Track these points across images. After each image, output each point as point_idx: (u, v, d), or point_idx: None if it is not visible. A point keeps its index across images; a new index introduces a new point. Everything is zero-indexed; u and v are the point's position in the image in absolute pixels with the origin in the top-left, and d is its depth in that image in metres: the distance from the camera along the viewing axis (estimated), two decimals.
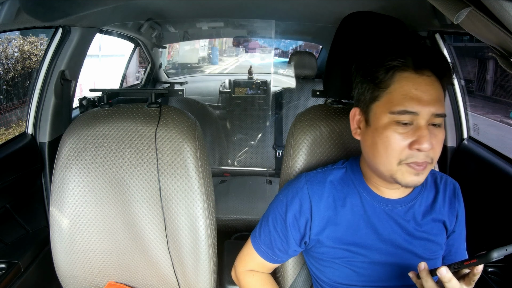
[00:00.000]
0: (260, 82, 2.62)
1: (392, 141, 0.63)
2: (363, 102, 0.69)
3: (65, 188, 0.94)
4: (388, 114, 0.64)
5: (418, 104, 0.62)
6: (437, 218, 0.75)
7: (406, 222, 0.73)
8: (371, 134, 0.67)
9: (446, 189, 0.78)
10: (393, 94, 0.64)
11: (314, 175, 0.77)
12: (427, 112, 0.62)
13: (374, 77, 0.66)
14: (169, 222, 0.91)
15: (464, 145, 1.44)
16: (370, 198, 0.74)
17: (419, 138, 0.62)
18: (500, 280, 1.10)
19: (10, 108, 3.10)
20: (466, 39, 2.54)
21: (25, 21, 1.01)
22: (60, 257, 0.97)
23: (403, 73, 0.64)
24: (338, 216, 0.74)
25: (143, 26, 1.94)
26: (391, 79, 0.64)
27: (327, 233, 0.74)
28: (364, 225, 0.73)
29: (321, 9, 1.70)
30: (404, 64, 0.63)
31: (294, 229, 0.76)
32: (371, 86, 0.67)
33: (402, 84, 0.63)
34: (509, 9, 0.41)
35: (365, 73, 0.68)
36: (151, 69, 2.83)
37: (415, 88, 0.63)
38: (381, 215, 0.73)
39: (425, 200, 0.75)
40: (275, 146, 2.29)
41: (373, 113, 0.67)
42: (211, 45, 3.84)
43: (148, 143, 0.92)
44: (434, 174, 0.79)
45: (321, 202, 0.74)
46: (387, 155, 0.64)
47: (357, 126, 0.72)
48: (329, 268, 0.76)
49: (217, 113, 2.52)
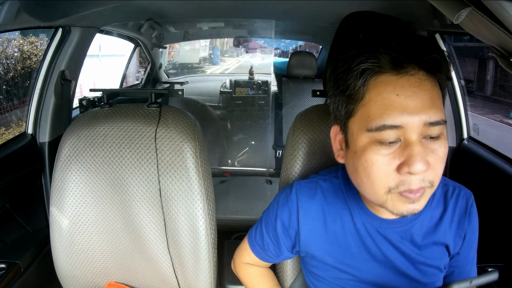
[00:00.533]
0: (260, 82, 2.63)
1: (375, 166, 0.51)
2: (339, 118, 0.58)
3: (65, 188, 0.94)
4: (366, 133, 0.51)
5: (402, 114, 0.49)
6: (440, 241, 0.65)
7: (402, 244, 0.64)
8: (351, 158, 0.56)
9: (457, 205, 0.66)
10: (368, 105, 0.51)
11: (305, 185, 0.70)
12: (417, 123, 0.49)
13: (345, 86, 0.53)
14: (169, 222, 0.91)
15: (464, 145, 1.44)
16: (362, 216, 0.65)
17: (408, 159, 0.49)
18: (500, 280, 1.10)
19: (10, 108, 3.10)
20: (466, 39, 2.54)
21: (25, 21, 1.01)
22: (60, 257, 0.97)
23: (379, 77, 0.51)
24: (327, 231, 0.67)
25: (143, 26, 1.94)
26: (364, 87, 0.51)
27: (315, 247, 0.68)
28: (354, 243, 0.65)
29: (321, 9, 1.70)
30: (378, 65, 0.50)
31: (285, 237, 0.72)
32: (344, 99, 0.55)
33: (379, 91, 0.50)
34: (509, 9, 0.41)
35: (336, 82, 0.56)
36: (151, 69, 2.84)
37: (396, 93, 0.49)
38: (374, 234, 0.64)
39: (428, 221, 0.64)
40: (275, 146, 2.29)
41: (350, 132, 0.55)
42: (212, 45, 3.84)
43: (148, 143, 0.92)
44: (446, 185, 0.67)
45: (309, 215, 0.67)
46: (371, 184, 0.52)
47: (340, 147, 0.61)
48: (320, 283, 0.72)
49: (217, 113, 2.52)
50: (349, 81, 0.52)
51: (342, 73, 0.53)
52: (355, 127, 0.54)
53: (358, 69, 0.51)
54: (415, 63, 0.50)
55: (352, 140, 0.55)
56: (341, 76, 0.54)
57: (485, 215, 1.09)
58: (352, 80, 0.52)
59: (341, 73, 0.54)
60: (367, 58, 0.50)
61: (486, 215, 1.22)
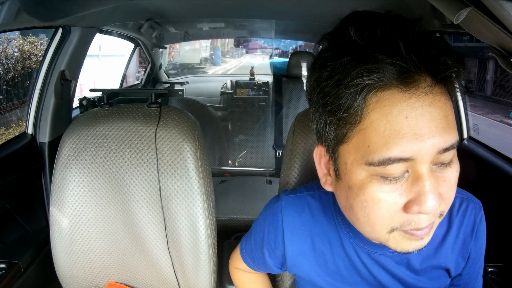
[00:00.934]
0: (261, 83, 2.63)
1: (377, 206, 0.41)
2: (327, 142, 0.46)
3: (65, 188, 0.94)
4: (364, 166, 0.40)
5: (413, 143, 0.38)
6: (440, 265, 0.57)
7: (397, 269, 0.56)
8: (344, 191, 0.45)
9: (463, 223, 0.56)
10: (368, 131, 0.39)
11: (292, 202, 0.62)
12: (430, 151, 0.38)
13: (336, 106, 0.40)
14: (169, 222, 0.91)
15: (464, 145, 1.44)
16: (352, 239, 0.57)
17: (419, 196, 0.39)
18: (500, 280, 1.10)
19: (10, 108, 3.10)
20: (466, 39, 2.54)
21: (25, 21, 1.01)
22: (60, 257, 0.97)
23: (382, 94, 0.38)
24: (315, 252, 0.60)
25: (143, 26, 1.94)
26: (363, 108, 0.39)
27: (303, 268, 0.62)
28: (344, 266, 0.59)
29: (321, 9, 1.70)
30: (381, 79, 0.38)
31: (272, 258, 0.66)
32: (333, 120, 0.42)
33: (382, 113, 0.38)
34: (509, 9, 0.41)
35: (323, 99, 0.42)
36: (151, 69, 2.84)
37: (405, 116, 0.38)
38: (365, 259, 0.57)
39: (429, 244, 0.49)
40: (275, 146, 2.29)
41: (343, 162, 0.44)
42: (213, 46, 3.85)
43: (148, 143, 0.92)
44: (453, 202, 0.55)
45: (295, 235, 0.60)
46: (370, 225, 0.43)
47: (326, 172, 0.50)
48: None
49: (218, 114, 2.52)
50: (341, 100, 0.40)
51: (331, 87, 0.40)
52: (349, 157, 0.42)
53: (354, 85, 0.38)
54: (429, 74, 0.39)
55: (346, 173, 0.43)
56: (329, 91, 0.41)
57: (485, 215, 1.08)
58: (346, 98, 0.39)
59: (329, 87, 0.40)
60: (367, 70, 0.38)
61: (486, 215, 1.22)
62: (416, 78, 0.38)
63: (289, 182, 0.88)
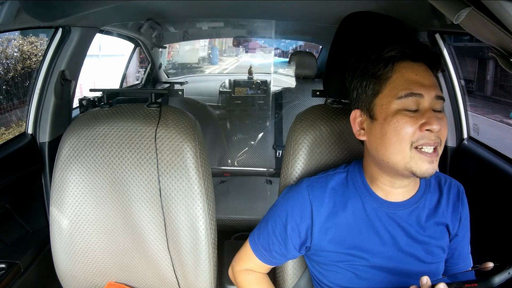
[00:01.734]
0: (260, 82, 2.63)
1: (403, 125, 0.63)
2: (365, 100, 0.69)
3: (65, 188, 0.94)
4: (396, 101, 0.65)
5: (421, 87, 0.64)
6: (440, 221, 0.74)
7: (409, 225, 0.72)
8: (379, 126, 0.67)
9: (450, 191, 0.77)
10: (396, 82, 0.66)
11: (316, 180, 0.77)
12: (430, 95, 0.64)
13: (374, 72, 0.67)
14: (169, 222, 0.91)
15: (464, 145, 1.44)
16: (372, 201, 0.73)
17: (428, 120, 0.63)
18: None
19: (10, 108, 3.10)
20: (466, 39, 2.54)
21: (25, 21, 1.01)
22: (60, 257, 0.97)
23: (401, 63, 0.66)
24: (339, 221, 0.73)
25: (143, 26, 1.94)
26: (392, 70, 0.66)
27: (328, 237, 0.74)
28: (365, 228, 0.73)
29: (321, 9, 1.70)
30: (402, 53, 0.66)
31: (294, 235, 0.75)
32: (373, 81, 0.68)
33: (402, 72, 0.66)
34: (509, 9, 0.41)
35: (364, 71, 0.69)
36: (151, 69, 2.83)
37: (415, 74, 0.65)
38: (384, 218, 0.72)
39: (429, 203, 0.75)
40: (275, 146, 2.29)
41: (379, 105, 0.67)
42: (211, 45, 3.84)
43: (148, 143, 0.92)
44: (438, 176, 0.79)
45: (322, 207, 0.74)
46: (399, 141, 0.64)
47: (359, 128, 0.72)
48: (331, 272, 0.76)
49: (217, 113, 2.52)
50: (378, 66, 0.67)
51: (373, 60, 0.67)
52: (384, 100, 0.66)
53: (387, 56, 0.66)
54: (423, 60, 0.67)
55: (382, 111, 0.66)
56: (371, 61, 0.68)
57: (485, 215, 1.08)
58: (381, 65, 0.66)
59: (371, 61, 0.68)
60: (393, 48, 0.66)
61: (486, 215, 1.22)
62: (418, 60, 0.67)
63: (289, 182, 0.88)
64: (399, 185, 0.71)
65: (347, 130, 0.87)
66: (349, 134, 0.87)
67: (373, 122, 0.68)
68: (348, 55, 0.85)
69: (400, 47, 0.66)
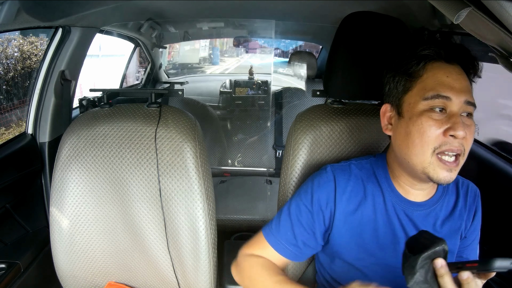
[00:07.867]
0: (260, 82, 2.62)
1: (427, 128, 0.62)
2: (395, 96, 0.69)
3: (65, 188, 0.94)
4: (422, 101, 0.64)
5: (450, 90, 0.62)
6: (455, 225, 0.74)
7: (424, 226, 0.72)
8: (404, 124, 0.66)
9: (467, 194, 0.76)
10: (425, 82, 0.65)
11: (340, 167, 0.76)
12: (460, 99, 0.62)
13: (407, 68, 0.67)
14: (169, 222, 0.91)
15: None
16: (393, 197, 0.73)
17: (453, 125, 0.61)
18: (500, 281, 1.10)
19: (10, 108, 3.10)
20: None
21: (25, 21, 1.01)
22: (60, 257, 0.97)
23: (434, 63, 0.65)
24: (359, 211, 0.73)
25: (143, 26, 1.94)
26: (424, 68, 0.65)
27: (347, 226, 0.73)
28: (382, 222, 0.72)
29: (321, 9, 1.70)
30: (436, 53, 0.65)
31: (319, 220, 0.74)
32: (404, 77, 0.67)
33: (434, 72, 0.64)
34: (509, 9, 0.41)
35: (398, 66, 0.69)
36: (151, 69, 2.83)
37: (446, 75, 0.64)
38: (401, 215, 0.72)
39: (446, 205, 0.74)
40: (275, 146, 2.29)
41: (407, 103, 0.67)
42: (212, 46, 3.83)
43: (148, 143, 0.92)
44: (456, 178, 0.75)
45: (345, 195, 0.73)
46: (422, 144, 0.63)
47: (387, 122, 0.72)
48: (338, 266, 0.76)
49: (217, 113, 2.52)
50: (411, 64, 0.66)
51: (407, 57, 0.67)
52: (412, 99, 0.66)
53: (421, 54, 0.65)
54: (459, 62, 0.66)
55: (409, 109, 0.66)
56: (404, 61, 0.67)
57: (485, 215, 1.09)
58: (414, 63, 0.66)
59: (405, 57, 0.67)
60: (428, 47, 0.65)
61: (486, 214, 1.22)
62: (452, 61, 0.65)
63: (289, 182, 0.88)
64: (418, 188, 0.71)
65: (347, 130, 0.87)
66: (349, 134, 0.87)
67: (400, 119, 0.68)
68: (348, 55, 0.85)
69: (435, 47, 0.65)
